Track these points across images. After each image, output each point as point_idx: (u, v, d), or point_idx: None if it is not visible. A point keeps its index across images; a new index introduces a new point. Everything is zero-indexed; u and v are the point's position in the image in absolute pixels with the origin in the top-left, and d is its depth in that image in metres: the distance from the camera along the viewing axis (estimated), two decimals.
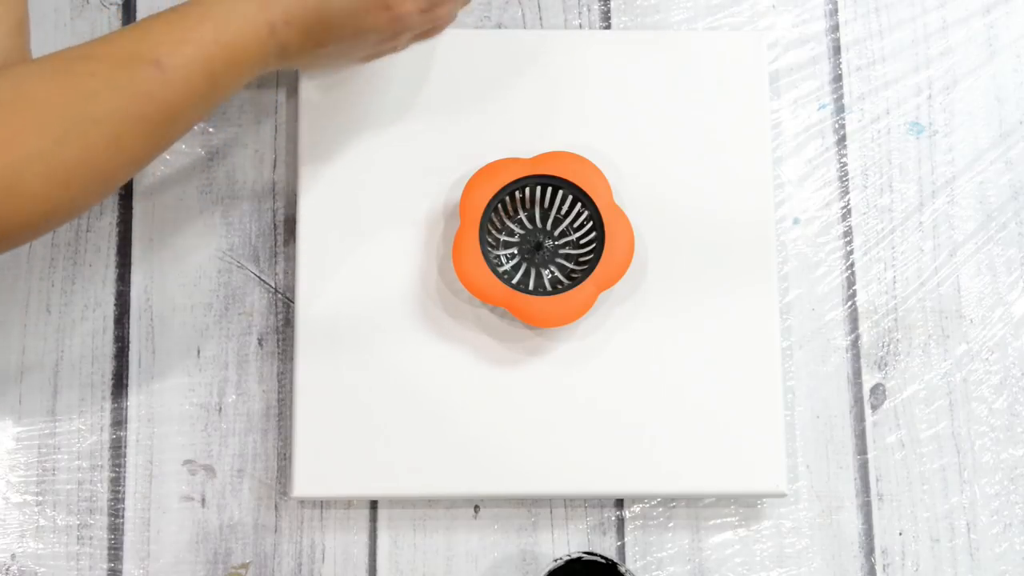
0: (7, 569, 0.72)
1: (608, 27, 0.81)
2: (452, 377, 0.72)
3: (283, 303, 0.76)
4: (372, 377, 0.72)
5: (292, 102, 0.78)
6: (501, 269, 0.74)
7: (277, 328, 0.76)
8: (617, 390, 0.73)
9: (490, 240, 0.74)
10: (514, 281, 0.73)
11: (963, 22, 0.82)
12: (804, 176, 0.79)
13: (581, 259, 0.74)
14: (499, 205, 0.74)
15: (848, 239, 0.79)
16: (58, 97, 0.55)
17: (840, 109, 0.80)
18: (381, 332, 0.73)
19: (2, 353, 0.75)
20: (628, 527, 0.74)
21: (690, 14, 0.81)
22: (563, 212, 0.75)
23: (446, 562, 0.74)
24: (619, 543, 0.74)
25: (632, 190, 0.75)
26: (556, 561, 0.68)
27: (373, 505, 0.74)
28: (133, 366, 0.75)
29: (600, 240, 0.72)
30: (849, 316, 0.78)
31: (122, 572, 0.73)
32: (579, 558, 0.68)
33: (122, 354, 0.75)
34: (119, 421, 0.74)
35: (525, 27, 0.80)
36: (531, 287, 0.73)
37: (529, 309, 0.70)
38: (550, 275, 0.74)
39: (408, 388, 0.72)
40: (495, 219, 0.74)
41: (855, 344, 0.77)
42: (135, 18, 0.80)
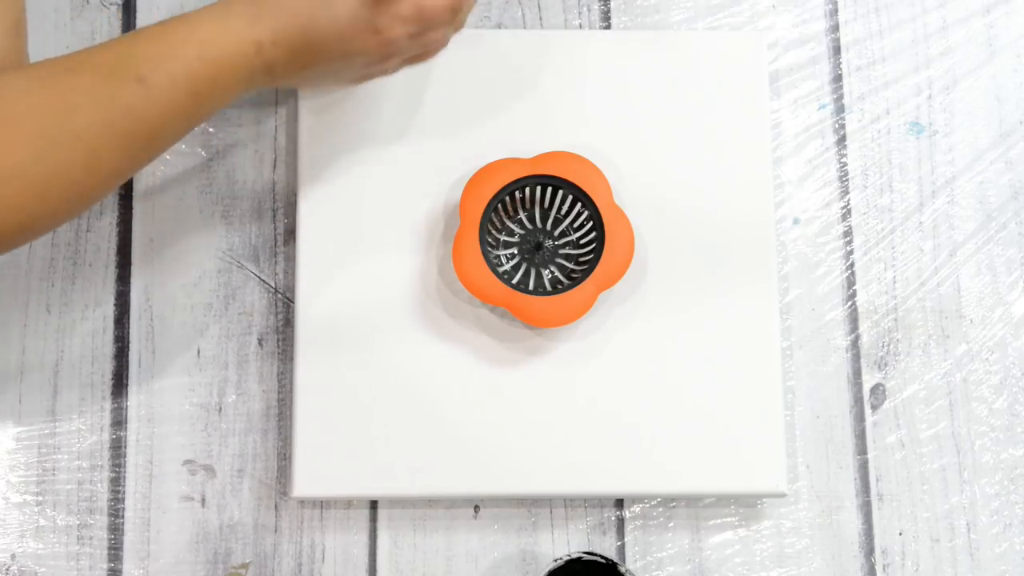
0: (7, 569, 0.72)
1: (608, 27, 0.81)
2: (452, 377, 0.72)
3: (283, 303, 0.76)
4: (372, 377, 0.72)
5: (292, 102, 0.78)
6: (501, 269, 0.74)
7: (277, 328, 0.76)
8: (617, 390, 0.73)
9: (490, 240, 0.74)
10: (514, 281, 0.73)
11: (963, 22, 0.82)
12: (804, 176, 0.79)
13: (581, 259, 0.74)
14: (499, 205, 0.74)
15: (848, 239, 0.79)
16: (39, 111, 0.54)
17: (840, 109, 0.80)
18: (381, 332, 0.73)
19: (2, 353, 0.75)
20: (628, 527, 0.74)
21: (690, 14, 0.81)
22: (563, 212, 0.75)
23: (446, 562, 0.73)
24: (619, 543, 0.74)
25: (632, 190, 0.75)
26: (556, 561, 0.68)
27: (373, 505, 0.74)
28: (133, 366, 0.75)
29: (600, 240, 0.72)
30: (849, 316, 0.78)
31: (122, 572, 0.73)
32: (579, 558, 0.68)
33: (122, 354, 0.75)
34: (119, 421, 0.74)
35: (525, 27, 0.80)
36: (531, 287, 0.73)
37: (529, 309, 0.70)
38: (550, 275, 0.74)
39: (408, 388, 0.72)
40: (495, 219, 0.74)
41: (855, 344, 0.77)
42: (135, 18, 0.80)
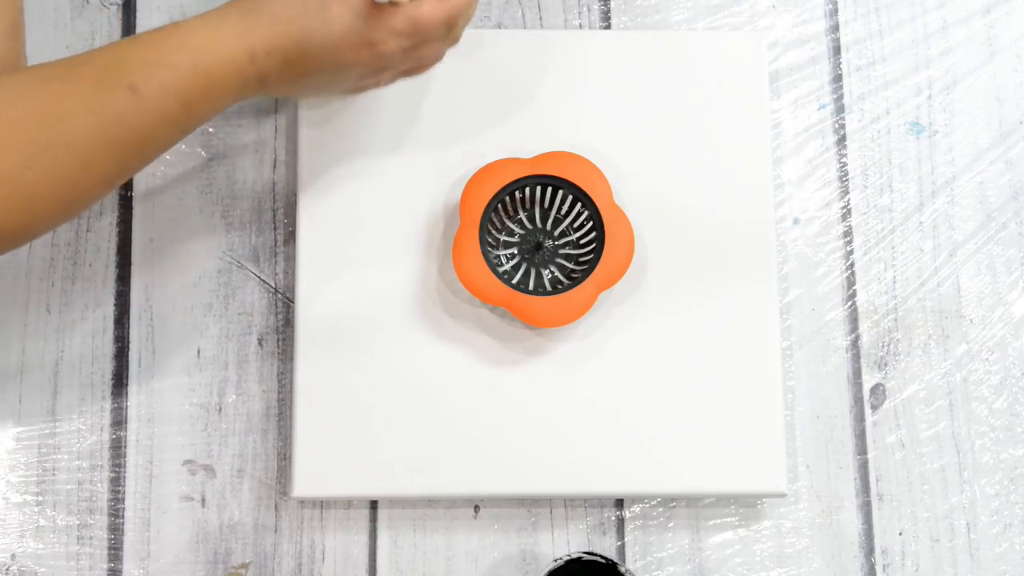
0: (7, 569, 0.72)
1: (608, 27, 0.81)
2: (452, 377, 0.72)
3: (283, 303, 0.76)
4: (372, 377, 0.72)
5: (292, 102, 0.78)
6: (501, 269, 0.74)
7: (277, 328, 0.76)
8: (617, 390, 0.73)
9: (490, 240, 0.74)
10: (514, 281, 0.73)
11: (963, 22, 0.82)
12: (804, 176, 0.79)
13: (581, 259, 0.74)
14: (499, 205, 0.74)
15: (848, 239, 0.79)
16: (30, 118, 0.54)
17: (840, 109, 0.80)
18: (381, 332, 0.73)
19: (2, 353, 0.75)
20: (628, 527, 0.74)
21: (690, 14, 0.81)
22: (563, 212, 0.75)
23: (446, 562, 0.73)
24: (619, 543, 0.74)
25: (632, 190, 0.75)
26: (556, 561, 0.68)
27: (373, 505, 0.74)
28: (133, 366, 0.75)
29: (600, 240, 0.72)
30: (849, 316, 0.78)
31: (122, 572, 0.73)
32: (579, 558, 0.68)
33: (122, 354, 0.75)
34: (119, 421, 0.74)
35: (525, 27, 0.80)
36: (531, 287, 0.73)
37: (529, 309, 0.70)
38: (550, 275, 0.74)
39: (408, 388, 0.72)
40: (495, 219, 0.74)
41: (855, 344, 0.77)
42: (135, 18, 0.80)
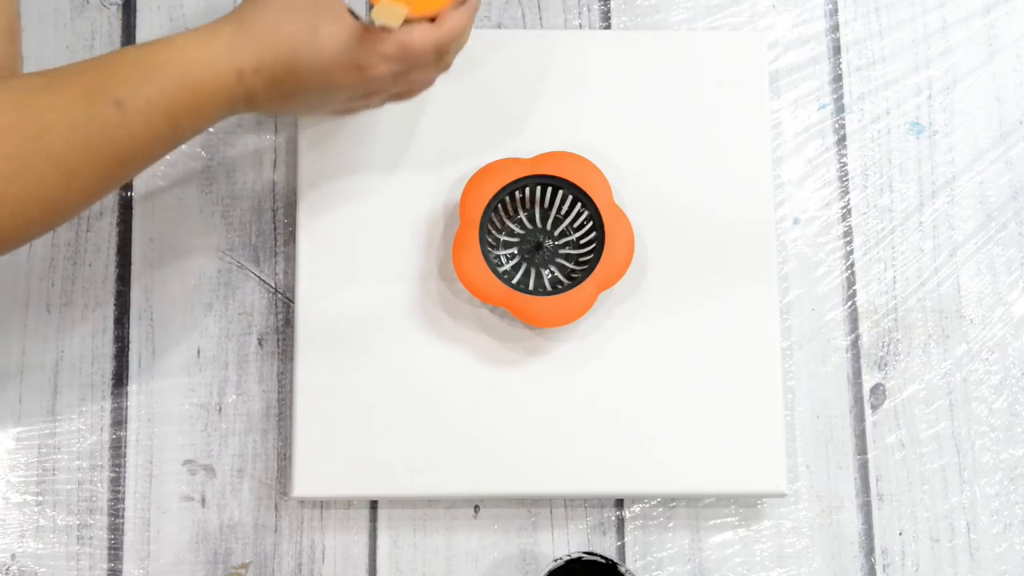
0: (7, 569, 0.72)
1: (608, 27, 0.81)
2: (452, 377, 0.72)
3: (283, 303, 0.76)
4: (372, 377, 0.72)
5: None
6: (501, 269, 0.74)
7: (277, 328, 0.76)
8: (617, 390, 0.73)
9: (490, 240, 0.74)
10: (514, 281, 0.73)
11: (963, 22, 0.82)
12: (804, 176, 0.79)
13: (581, 259, 0.74)
14: (499, 205, 0.74)
15: (848, 239, 0.79)
16: (13, 131, 0.53)
17: (840, 109, 0.80)
18: (381, 332, 0.73)
19: (2, 353, 0.75)
20: (628, 527, 0.74)
21: (690, 14, 0.81)
22: (563, 212, 0.75)
23: (446, 562, 0.73)
24: (619, 543, 0.74)
25: (632, 190, 0.75)
26: (556, 561, 0.68)
27: (373, 505, 0.74)
28: (133, 366, 0.75)
29: (600, 240, 0.72)
30: (849, 316, 0.78)
31: (122, 572, 0.73)
32: (579, 558, 0.68)
33: (122, 354, 0.75)
34: (119, 421, 0.74)
35: (525, 27, 0.80)
36: (531, 287, 0.73)
37: (529, 309, 0.70)
38: (550, 275, 0.74)
39: (408, 388, 0.72)
40: (495, 219, 0.74)
41: (855, 344, 0.77)
42: (135, 18, 0.80)
